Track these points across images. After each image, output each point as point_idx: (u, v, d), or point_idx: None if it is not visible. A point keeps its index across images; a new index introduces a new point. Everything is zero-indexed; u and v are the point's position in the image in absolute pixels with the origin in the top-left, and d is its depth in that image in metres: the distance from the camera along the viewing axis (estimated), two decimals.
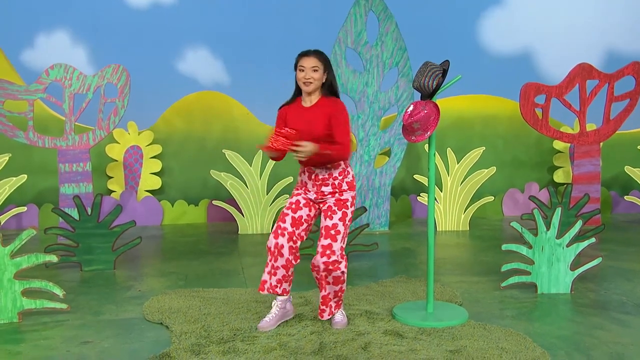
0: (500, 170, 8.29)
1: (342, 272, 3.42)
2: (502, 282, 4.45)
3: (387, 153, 7.64)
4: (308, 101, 3.48)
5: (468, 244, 6.65)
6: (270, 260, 3.48)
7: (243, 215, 7.51)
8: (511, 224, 4.39)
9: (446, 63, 3.58)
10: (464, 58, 8.51)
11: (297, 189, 3.60)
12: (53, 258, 3.73)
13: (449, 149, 7.44)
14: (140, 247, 6.18)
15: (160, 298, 4.30)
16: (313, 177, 3.47)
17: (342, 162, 3.47)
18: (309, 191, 3.52)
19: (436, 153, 7.20)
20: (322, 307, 3.61)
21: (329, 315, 3.61)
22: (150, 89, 8.30)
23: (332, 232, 3.39)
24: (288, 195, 7.33)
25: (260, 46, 8.47)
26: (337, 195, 3.46)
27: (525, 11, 9.12)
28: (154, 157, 8.35)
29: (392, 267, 5.51)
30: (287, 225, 3.44)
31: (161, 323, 3.74)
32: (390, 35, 7.13)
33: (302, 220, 3.49)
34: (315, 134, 3.35)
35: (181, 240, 7.06)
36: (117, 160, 8.23)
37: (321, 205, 3.52)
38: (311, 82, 3.39)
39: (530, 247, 4.33)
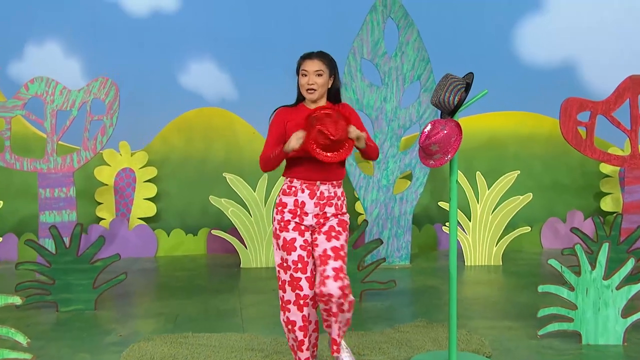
0: (538, 197, 8.08)
1: (353, 299, 3.22)
2: (539, 329, 4.26)
3: (408, 177, 7.49)
4: (315, 105, 3.37)
5: (501, 282, 6.49)
6: (305, 337, 3.32)
7: (246, 247, 7.36)
8: (549, 261, 4.20)
9: (470, 76, 3.45)
10: (496, 70, 8.36)
11: (284, 224, 3.32)
12: (16, 300, 3.55)
13: (478, 172, 7.27)
14: (129, 283, 6.06)
15: (142, 345, 4.15)
16: (318, 194, 3.29)
17: (341, 182, 3.42)
18: (307, 214, 3.30)
19: (465, 178, 7.04)
20: (338, 341, 3.33)
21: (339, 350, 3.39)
22: (145, 104, 8.24)
23: (342, 253, 3.27)
24: None
25: (270, 58, 8.39)
26: (339, 216, 3.37)
27: (567, 17, 8.93)
28: (148, 180, 8.26)
29: (411, 309, 5.38)
30: (307, 291, 3.25)
31: None
32: (411, 45, 7.02)
33: (312, 271, 3.30)
34: None
35: (176, 274, 6.95)
36: (107, 185, 8.16)
37: (317, 228, 3.34)
38: (315, 90, 3.33)
39: (572, 289, 4.12)
